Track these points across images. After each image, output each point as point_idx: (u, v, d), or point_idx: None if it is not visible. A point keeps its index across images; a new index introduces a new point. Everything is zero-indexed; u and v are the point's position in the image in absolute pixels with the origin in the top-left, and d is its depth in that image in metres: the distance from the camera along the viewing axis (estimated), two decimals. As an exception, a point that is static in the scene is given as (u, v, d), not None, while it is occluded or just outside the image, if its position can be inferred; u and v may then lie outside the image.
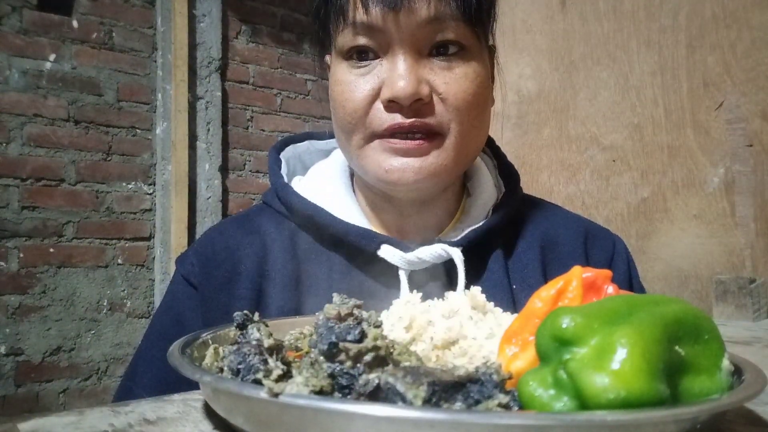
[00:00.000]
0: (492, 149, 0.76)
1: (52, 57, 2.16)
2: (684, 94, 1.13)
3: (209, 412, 0.37)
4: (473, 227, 0.66)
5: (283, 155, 0.74)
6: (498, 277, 0.65)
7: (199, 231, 2.44)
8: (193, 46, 2.45)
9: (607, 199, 1.22)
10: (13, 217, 2.07)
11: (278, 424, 0.29)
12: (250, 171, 2.65)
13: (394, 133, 0.60)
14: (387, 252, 0.62)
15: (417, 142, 0.59)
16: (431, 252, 0.62)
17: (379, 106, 0.60)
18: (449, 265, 0.63)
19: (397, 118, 0.59)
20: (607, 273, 0.38)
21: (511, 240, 0.69)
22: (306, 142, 0.78)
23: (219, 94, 2.53)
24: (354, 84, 0.60)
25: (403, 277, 0.62)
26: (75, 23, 2.22)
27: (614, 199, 1.21)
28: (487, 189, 0.71)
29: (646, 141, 1.17)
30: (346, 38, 0.60)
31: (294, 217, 0.68)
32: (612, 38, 1.22)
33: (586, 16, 1.26)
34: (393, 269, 0.63)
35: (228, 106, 2.59)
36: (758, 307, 0.93)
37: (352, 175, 0.73)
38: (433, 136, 0.60)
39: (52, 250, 2.14)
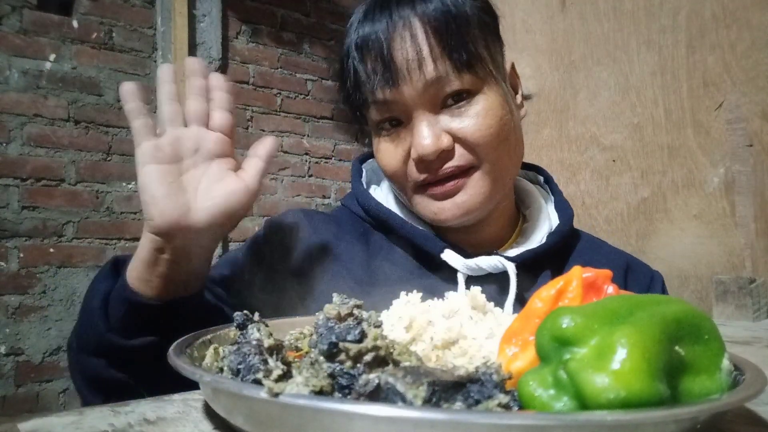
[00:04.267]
0: (551, 187, 0.84)
1: (52, 57, 2.16)
2: (684, 94, 1.13)
3: (209, 412, 0.37)
4: (529, 248, 0.73)
5: (364, 166, 0.83)
6: None
7: (199, 231, 2.44)
8: (193, 46, 2.45)
9: (607, 199, 1.22)
10: (13, 217, 2.07)
11: (278, 424, 0.29)
12: (250, 171, 2.65)
13: (428, 183, 0.68)
14: (449, 256, 0.69)
15: (454, 182, 0.67)
16: (489, 262, 0.69)
17: (412, 164, 0.68)
18: (503, 277, 0.69)
19: (428, 172, 0.67)
20: (607, 273, 0.38)
21: (559, 266, 0.75)
22: None
23: (219, 94, 2.53)
24: (389, 150, 0.69)
25: (461, 280, 0.69)
26: (75, 23, 2.22)
27: (614, 199, 1.21)
28: (543, 218, 0.78)
29: (646, 141, 1.17)
30: (372, 115, 0.69)
31: (370, 218, 0.76)
32: (612, 38, 1.22)
33: (586, 16, 1.26)
34: (453, 272, 0.69)
35: (228, 106, 2.59)
36: (758, 307, 0.93)
37: None
38: (468, 170, 0.67)
39: (52, 250, 2.14)
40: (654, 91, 1.17)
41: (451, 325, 0.41)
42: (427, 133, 0.65)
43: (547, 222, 0.78)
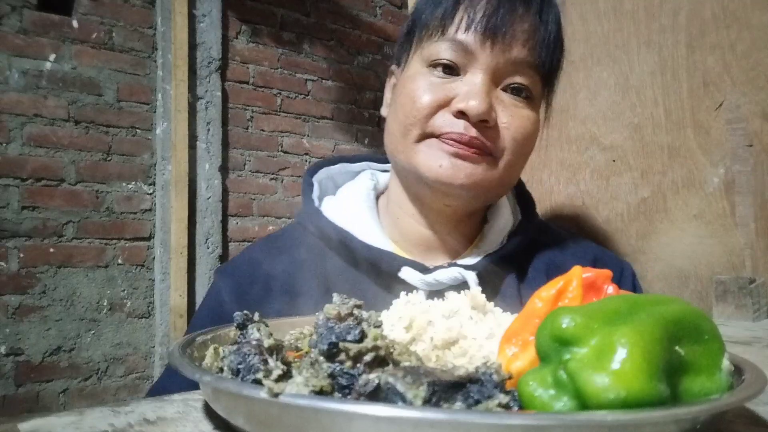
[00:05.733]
0: None
1: (52, 57, 2.16)
2: (684, 94, 1.13)
3: (209, 412, 0.37)
4: (489, 252, 0.70)
5: (315, 178, 0.79)
6: (510, 301, 0.68)
7: (199, 231, 2.44)
8: (193, 46, 2.45)
9: (607, 199, 1.22)
10: (13, 217, 2.07)
11: (278, 424, 0.29)
12: (250, 171, 2.65)
13: (451, 139, 0.65)
14: (407, 274, 0.67)
15: (473, 149, 0.65)
16: (448, 275, 0.67)
17: (445, 113, 0.65)
18: (466, 287, 0.66)
19: (461, 127, 0.64)
20: (607, 273, 0.38)
21: (524, 266, 0.73)
22: (339, 165, 0.83)
23: (219, 94, 2.53)
24: (429, 87, 0.66)
25: (422, 297, 0.66)
26: (75, 23, 2.22)
27: (614, 199, 1.21)
28: (504, 215, 0.75)
29: (646, 141, 1.17)
30: (437, 49, 0.66)
31: (323, 239, 0.73)
32: (612, 38, 1.22)
33: (586, 16, 1.26)
34: (413, 289, 0.66)
35: (228, 106, 2.59)
36: (758, 307, 0.93)
37: (377, 196, 0.78)
38: (486, 153, 0.66)
39: (52, 250, 2.14)
40: (654, 91, 1.17)
41: (451, 325, 0.41)
42: (484, 96, 0.64)
43: (507, 218, 0.75)
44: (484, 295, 0.45)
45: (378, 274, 0.69)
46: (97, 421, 0.34)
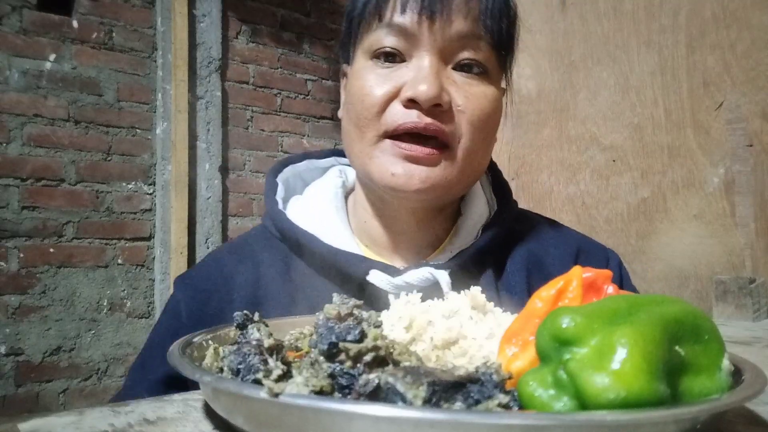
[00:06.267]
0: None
1: (52, 57, 2.16)
2: (684, 94, 1.13)
3: (209, 412, 0.37)
4: (462, 248, 0.66)
5: (280, 177, 0.74)
6: (488, 299, 0.64)
7: (199, 231, 2.44)
8: (193, 46, 2.45)
9: (607, 199, 1.22)
10: (13, 217, 2.07)
11: (278, 424, 0.29)
12: (250, 171, 2.65)
13: (407, 132, 0.60)
14: (375, 277, 0.62)
15: (428, 150, 0.60)
16: (418, 276, 0.62)
17: (396, 105, 0.61)
18: (439, 288, 0.62)
19: (414, 116, 0.60)
20: (607, 273, 0.38)
21: (502, 260, 0.68)
22: (305, 162, 0.78)
23: (219, 94, 2.53)
24: (376, 80, 0.62)
25: (392, 300, 0.62)
26: (75, 23, 2.22)
27: (614, 199, 1.21)
28: (478, 207, 0.71)
29: (646, 141, 1.17)
30: (377, 37, 0.62)
31: (286, 242, 0.69)
32: (612, 38, 1.22)
33: (586, 16, 1.26)
34: (383, 292, 0.62)
35: (228, 106, 2.59)
36: (758, 307, 0.93)
37: (347, 194, 0.74)
38: (442, 147, 0.61)
39: (52, 250, 2.14)
40: (654, 91, 1.17)
41: (451, 325, 0.41)
42: (432, 79, 0.59)
43: (481, 210, 0.71)
44: (484, 295, 0.45)
45: (345, 278, 0.64)
46: (97, 421, 0.34)
